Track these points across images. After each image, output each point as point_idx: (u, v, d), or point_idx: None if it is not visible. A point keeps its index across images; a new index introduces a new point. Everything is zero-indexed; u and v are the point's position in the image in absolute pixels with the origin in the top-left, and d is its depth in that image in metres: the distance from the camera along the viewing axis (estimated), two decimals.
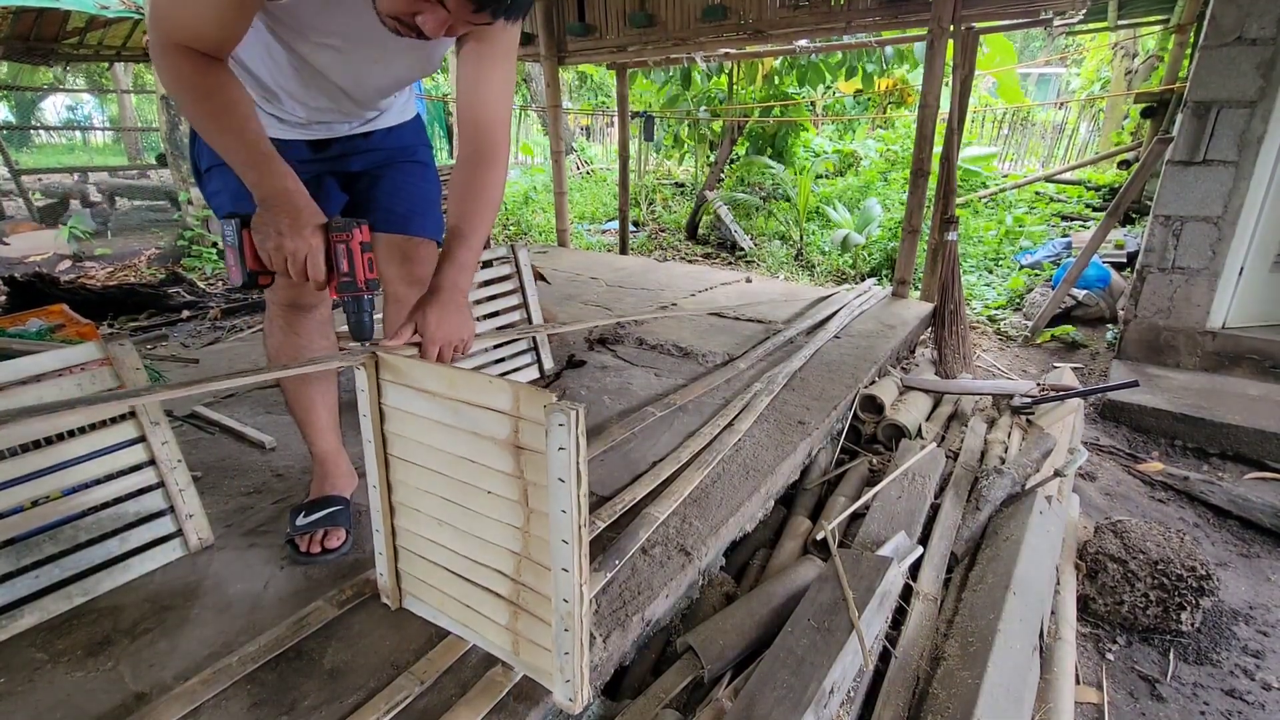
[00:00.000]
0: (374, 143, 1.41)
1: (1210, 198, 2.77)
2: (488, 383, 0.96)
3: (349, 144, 1.38)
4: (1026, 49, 15.37)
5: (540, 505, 0.95)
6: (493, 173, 1.20)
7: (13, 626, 1.17)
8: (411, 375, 1.05)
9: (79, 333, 2.24)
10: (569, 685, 1.00)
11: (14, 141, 15.93)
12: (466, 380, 0.98)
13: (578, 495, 0.89)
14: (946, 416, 2.47)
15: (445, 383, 1.01)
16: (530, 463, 0.94)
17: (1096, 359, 3.38)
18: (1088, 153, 9.58)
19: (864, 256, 5.30)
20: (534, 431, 0.92)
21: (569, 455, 0.87)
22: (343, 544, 1.37)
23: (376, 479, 1.15)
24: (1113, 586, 1.66)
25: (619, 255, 5.01)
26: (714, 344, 2.69)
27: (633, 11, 3.96)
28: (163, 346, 2.96)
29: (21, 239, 5.79)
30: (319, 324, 1.44)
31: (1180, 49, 6.14)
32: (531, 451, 0.93)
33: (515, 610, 1.04)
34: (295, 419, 1.50)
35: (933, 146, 3.08)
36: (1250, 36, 2.55)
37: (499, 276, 2.28)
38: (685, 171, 10.06)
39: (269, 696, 1.06)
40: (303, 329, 1.41)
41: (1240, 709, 1.43)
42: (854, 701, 1.25)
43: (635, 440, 1.91)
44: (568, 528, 0.91)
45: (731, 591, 1.57)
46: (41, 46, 5.90)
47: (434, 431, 1.05)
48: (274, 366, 1.43)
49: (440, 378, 1.01)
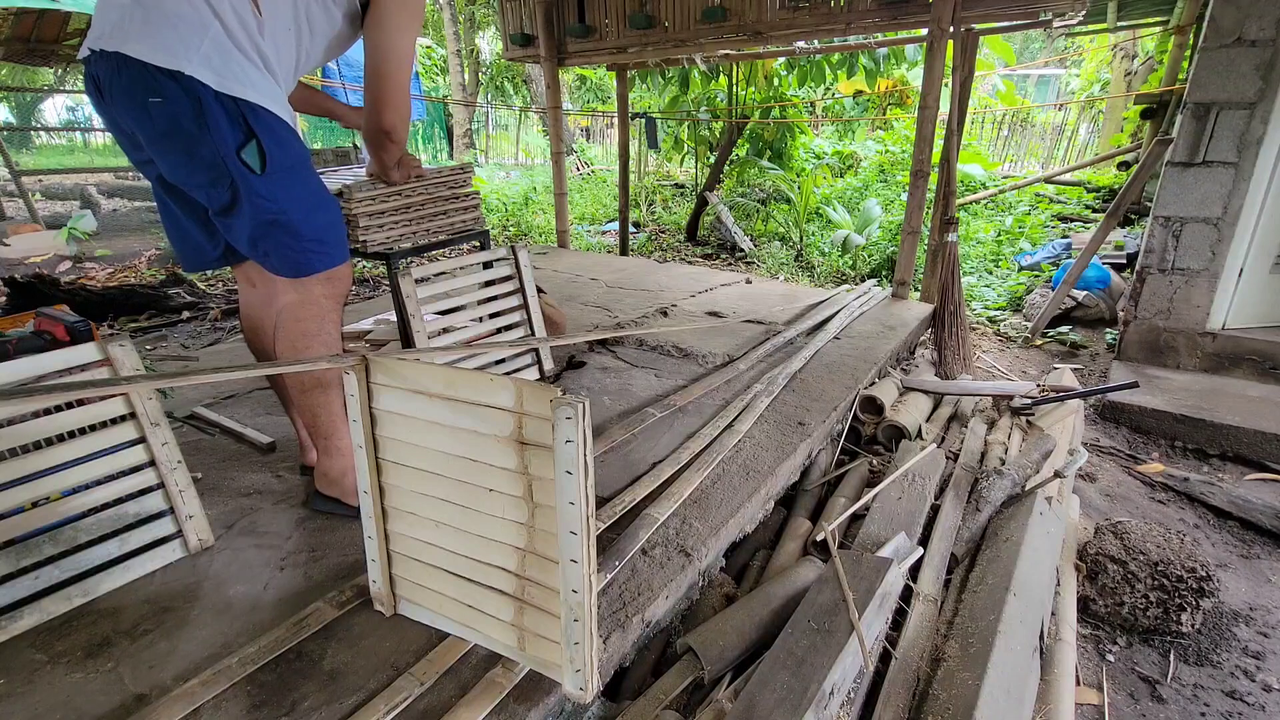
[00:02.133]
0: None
1: (1210, 199, 2.77)
2: (489, 381, 0.96)
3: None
4: (1026, 50, 15.39)
5: (546, 499, 0.95)
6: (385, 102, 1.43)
7: (12, 627, 1.17)
8: (406, 377, 1.04)
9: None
10: (579, 675, 1.00)
11: (14, 143, 15.94)
12: (466, 379, 0.99)
13: (585, 487, 0.90)
14: (946, 418, 2.47)
15: (443, 383, 1.01)
16: (535, 458, 0.94)
17: (1096, 360, 3.38)
18: (1087, 154, 9.60)
19: (864, 257, 5.31)
20: (539, 427, 0.92)
21: (577, 448, 0.88)
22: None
23: (368, 484, 1.14)
24: (1113, 588, 1.66)
25: (619, 256, 5.01)
26: (714, 345, 2.69)
27: (633, 13, 3.96)
28: (163, 347, 2.97)
29: (22, 240, 5.79)
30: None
31: (1179, 50, 6.15)
32: (536, 446, 0.94)
33: (520, 605, 1.04)
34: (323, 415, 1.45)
35: (932, 148, 3.09)
36: (1250, 38, 2.55)
37: (500, 277, 2.28)
38: (685, 173, 10.07)
39: (269, 698, 1.06)
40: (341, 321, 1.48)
41: (1240, 710, 1.43)
42: (854, 702, 1.25)
43: (635, 441, 1.91)
44: (576, 519, 0.92)
45: (731, 593, 1.57)
46: (42, 48, 5.90)
47: (430, 433, 1.04)
48: (265, 363, 1.43)
49: (438, 378, 1.01)
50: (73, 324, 1.53)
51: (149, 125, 1.19)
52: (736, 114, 6.73)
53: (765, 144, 7.31)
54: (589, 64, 4.78)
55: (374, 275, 5.08)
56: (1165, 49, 6.64)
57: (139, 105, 1.18)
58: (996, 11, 2.89)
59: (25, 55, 5.94)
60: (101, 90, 1.21)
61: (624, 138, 4.98)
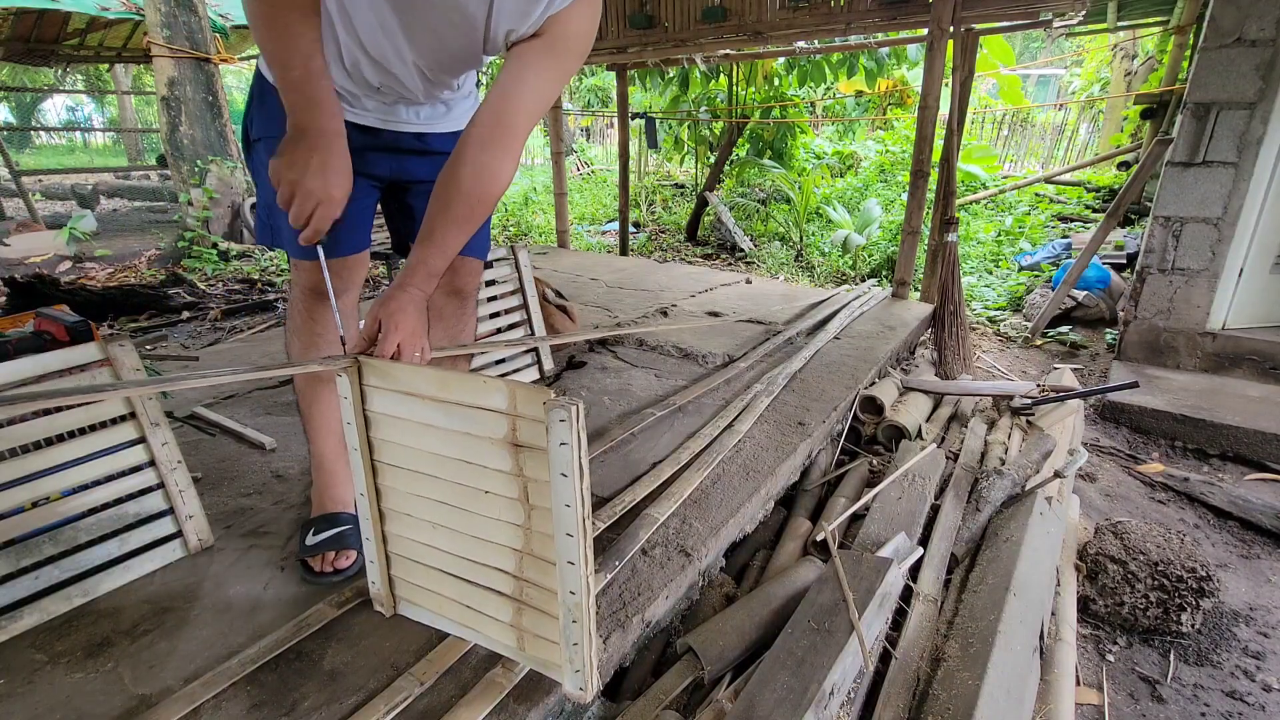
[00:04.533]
0: (428, 145, 1.36)
1: (1210, 199, 2.77)
2: (482, 383, 0.95)
3: (399, 139, 1.32)
4: (1026, 50, 15.39)
5: (542, 501, 0.95)
6: (499, 165, 1.08)
7: (12, 628, 1.17)
8: (400, 379, 1.03)
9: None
10: (579, 675, 1.00)
11: (14, 143, 15.94)
12: (459, 382, 0.98)
13: (581, 489, 0.90)
14: (946, 418, 2.47)
15: (437, 385, 1.00)
16: (530, 460, 0.94)
17: (1096, 360, 3.38)
18: (1087, 154, 9.60)
19: (864, 257, 5.31)
20: (533, 429, 0.92)
21: (571, 450, 0.88)
22: (352, 564, 1.34)
23: (364, 486, 1.14)
24: (1113, 588, 1.66)
25: (619, 256, 5.01)
26: (714, 345, 2.69)
27: (633, 13, 3.97)
28: (163, 347, 2.96)
29: (21, 240, 5.79)
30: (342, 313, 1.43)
31: (1180, 50, 6.15)
32: (531, 449, 0.93)
33: (519, 606, 1.04)
34: (301, 415, 1.48)
35: (932, 148, 3.09)
36: (1250, 38, 2.55)
37: (499, 277, 2.28)
38: (685, 173, 10.07)
39: (269, 698, 1.06)
40: (321, 318, 1.38)
41: (1241, 710, 1.43)
42: (854, 703, 1.25)
43: (635, 441, 1.91)
44: (572, 521, 0.92)
45: (732, 593, 1.57)
46: (42, 48, 5.91)
47: (424, 435, 1.04)
48: (257, 365, 1.43)
49: (431, 380, 1.00)
50: (73, 324, 1.53)
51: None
52: (736, 114, 6.73)
53: (765, 144, 7.31)
54: (589, 64, 4.78)
55: (374, 275, 5.08)
56: (1165, 49, 6.64)
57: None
58: (996, 11, 2.89)
59: (25, 55, 5.94)
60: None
61: (624, 138, 4.98)
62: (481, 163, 1.07)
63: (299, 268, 1.35)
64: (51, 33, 5.87)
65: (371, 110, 1.28)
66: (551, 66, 1.09)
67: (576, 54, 1.12)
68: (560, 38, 1.08)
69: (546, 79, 1.10)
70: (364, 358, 1.06)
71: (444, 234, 1.09)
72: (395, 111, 1.30)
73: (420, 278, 1.07)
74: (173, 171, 5.83)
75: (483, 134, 1.07)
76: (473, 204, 1.09)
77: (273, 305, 4.24)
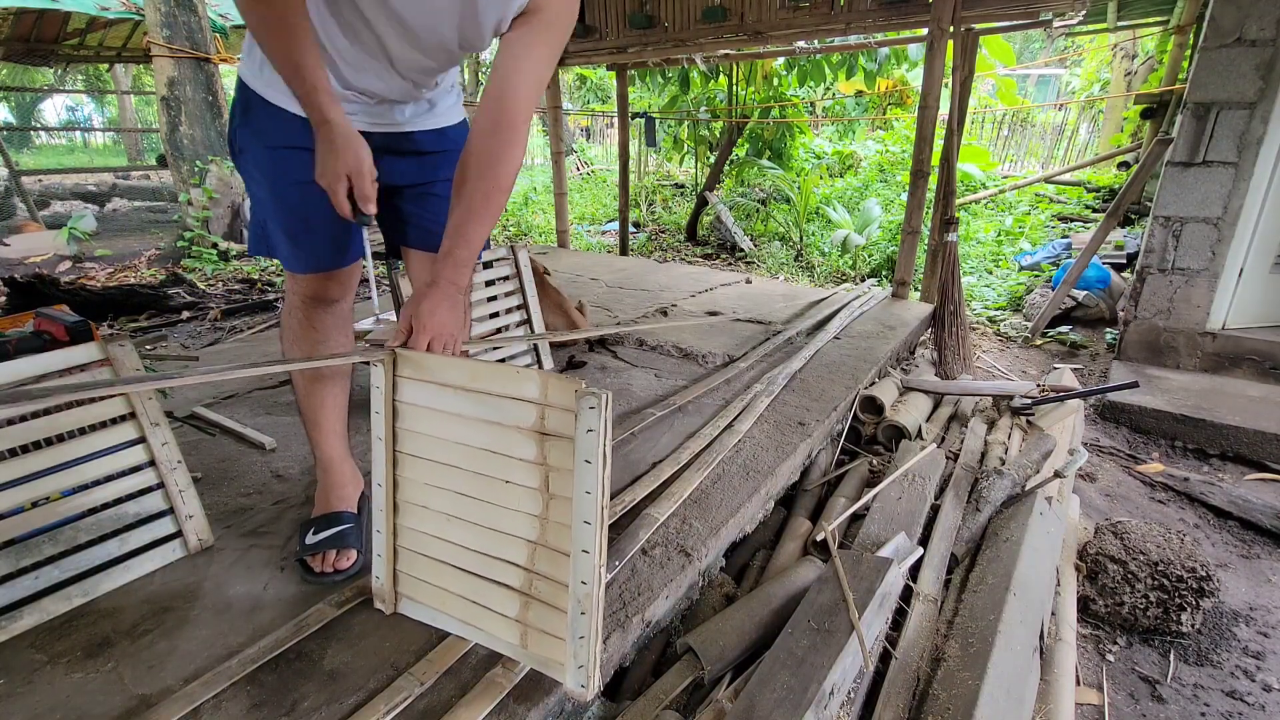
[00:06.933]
0: (418, 144, 1.36)
1: (1210, 199, 2.77)
2: (515, 373, 1.00)
3: (389, 141, 1.32)
4: (1026, 50, 15.39)
5: (562, 490, 0.98)
6: (506, 152, 1.12)
7: (12, 627, 1.17)
8: (432, 370, 1.07)
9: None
10: (582, 671, 1.00)
11: (14, 142, 15.94)
12: (491, 372, 1.02)
13: (603, 477, 0.92)
14: (946, 417, 2.47)
15: (468, 375, 1.04)
16: (555, 448, 0.97)
17: (1096, 360, 3.38)
18: (1087, 154, 9.60)
19: (864, 257, 5.31)
20: (562, 417, 0.95)
21: (597, 437, 0.90)
22: (353, 564, 1.34)
23: (383, 477, 1.15)
24: (1113, 588, 1.66)
25: (619, 256, 5.01)
26: (714, 345, 2.69)
27: (633, 13, 3.97)
28: (163, 347, 2.96)
29: (21, 240, 5.79)
30: (339, 320, 1.42)
31: (1180, 50, 6.15)
32: (557, 437, 0.96)
33: (526, 600, 1.05)
34: (303, 419, 1.48)
35: (932, 148, 3.09)
36: (1250, 38, 2.55)
37: (499, 277, 2.28)
38: (685, 173, 10.07)
39: (269, 698, 1.06)
40: (321, 324, 1.38)
41: (1241, 710, 1.43)
42: (854, 702, 1.25)
43: (635, 441, 1.91)
44: (591, 509, 0.94)
45: (731, 592, 1.57)
46: (42, 48, 5.91)
47: (451, 424, 1.07)
48: (285, 359, 1.43)
49: (463, 370, 1.04)
50: (72, 324, 1.52)
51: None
52: (736, 114, 6.73)
53: (765, 144, 7.31)
54: (589, 64, 4.79)
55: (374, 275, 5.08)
56: (1165, 49, 6.64)
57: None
58: (996, 11, 2.89)
59: (25, 55, 5.94)
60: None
61: (624, 138, 4.98)
62: (489, 150, 1.11)
63: (296, 278, 1.36)
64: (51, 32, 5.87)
65: (359, 113, 1.29)
66: (542, 44, 1.13)
67: (564, 26, 1.16)
68: (545, 10, 1.11)
69: (539, 57, 1.13)
70: (400, 349, 1.09)
71: (463, 225, 1.12)
72: (382, 112, 1.31)
73: (449, 270, 1.11)
74: (172, 171, 5.83)
75: (486, 123, 1.11)
76: (486, 191, 1.12)
77: (273, 305, 4.24)
